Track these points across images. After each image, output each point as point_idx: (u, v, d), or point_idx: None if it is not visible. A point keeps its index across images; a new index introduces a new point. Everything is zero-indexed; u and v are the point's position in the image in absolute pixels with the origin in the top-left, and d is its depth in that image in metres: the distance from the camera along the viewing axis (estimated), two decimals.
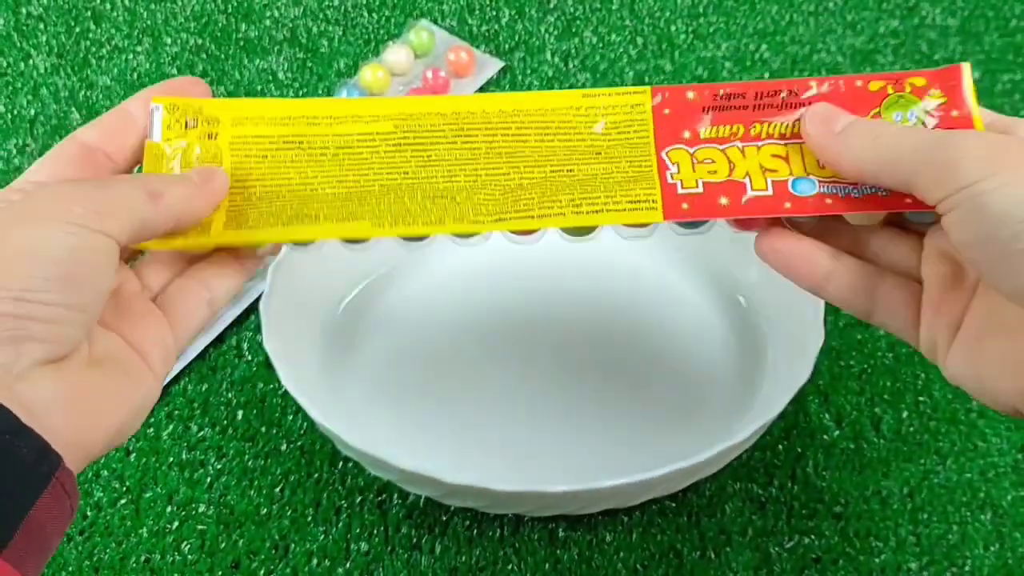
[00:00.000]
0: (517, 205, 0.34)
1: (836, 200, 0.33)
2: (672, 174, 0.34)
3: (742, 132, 0.35)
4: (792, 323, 0.44)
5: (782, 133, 0.35)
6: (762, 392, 0.44)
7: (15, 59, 0.64)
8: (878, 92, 0.35)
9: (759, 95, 0.35)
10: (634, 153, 0.35)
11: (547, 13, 0.66)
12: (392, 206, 0.35)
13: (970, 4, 0.66)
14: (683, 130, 0.35)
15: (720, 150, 0.35)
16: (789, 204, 0.34)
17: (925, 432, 0.47)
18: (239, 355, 0.50)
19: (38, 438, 0.27)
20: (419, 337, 0.49)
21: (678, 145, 0.35)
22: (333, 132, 0.36)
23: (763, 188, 0.34)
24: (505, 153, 0.35)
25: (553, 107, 0.36)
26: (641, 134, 0.35)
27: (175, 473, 0.46)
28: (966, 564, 0.43)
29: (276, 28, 0.65)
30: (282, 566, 0.43)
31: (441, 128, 0.36)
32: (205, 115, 0.36)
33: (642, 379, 0.47)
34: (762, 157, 0.34)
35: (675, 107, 0.35)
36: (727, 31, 0.65)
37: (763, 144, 0.35)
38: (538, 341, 0.49)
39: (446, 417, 0.46)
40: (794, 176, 0.34)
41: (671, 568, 0.43)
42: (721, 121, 0.35)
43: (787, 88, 0.35)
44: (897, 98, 0.35)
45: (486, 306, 0.50)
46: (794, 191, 0.34)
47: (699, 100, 0.35)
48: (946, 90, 0.34)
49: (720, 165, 0.34)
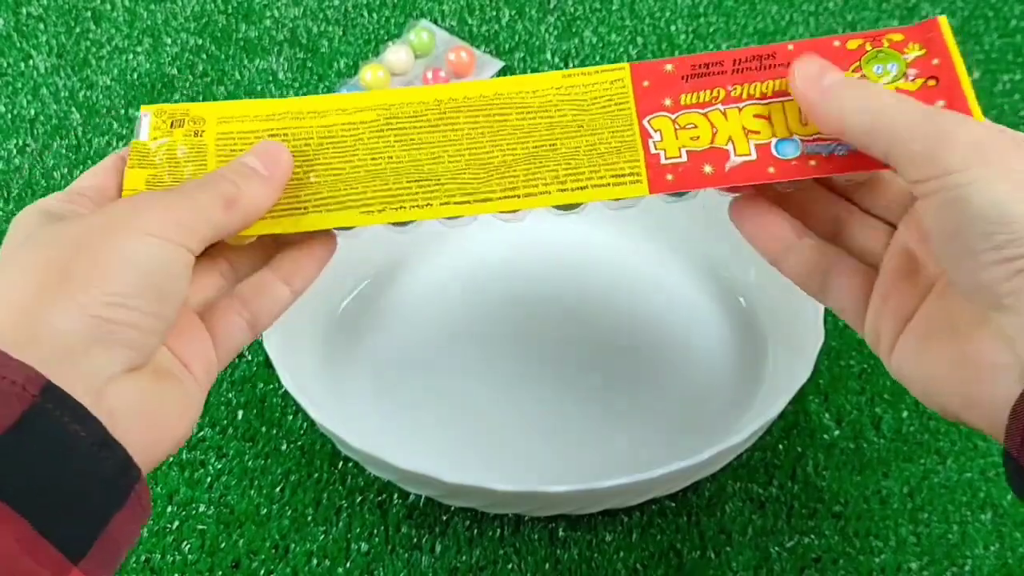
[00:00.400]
0: (502, 184, 0.35)
1: (820, 160, 0.33)
2: (655, 142, 0.34)
3: (723, 95, 0.35)
4: (792, 323, 0.44)
5: (763, 92, 0.35)
6: (762, 392, 0.44)
7: (15, 59, 0.64)
8: (856, 50, 0.34)
9: (737, 61, 0.35)
10: (616, 123, 0.35)
11: (547, 13, 0.66)
12: (379, 192, 0.35)
13: (970, 4, 0.66)
14: (664, 98, 0.35)
15: (702, 114, 0.35)
16: (773, 169, 0.33)
17: (925, 432, 0.47)
18: (239, 355, 0.50)
19: (122, 451, 0.27)
20: (419, 337, 0.49)
21: (660, 113, 0.35)
22: (317, 124, 0.36)
23: (746, 153, 0.34)
24: (488, 132, 0.35)
25: (533, 89, 0.36)
26: (622, 106, 0.35)
27: (175, 473, 0.46)
28: (966, 564, 0.43)
29: (276, 28, 0.65)
30: (282, 566, 0.43)
31: (424, 114, 0.36)
32: (191, 116, 0.36)
33: (642, 379, 0.47)
34: (744, 118, 0.34)
35: (654, 79, 0.35)
36: (727, 31, 0.65)
37: (744, 105, 0.34)
38: (538, 341, 0.49)
39: (446, 417, 0.46)
40: (777, 137, 0.34)
41: (671, 568, 0.43)
42: (701, 87, 0.35)
43: (765, 53, 0.35)
44: (876, 53, 0.34)
45: (486, 306, 0.50)
46: (777, 153, 0.34)
47: (677, 70, 0.35)
48: (924, 42, 0.34)
49: (703, 130, 0.34)
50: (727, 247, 0.49)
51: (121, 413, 0.28)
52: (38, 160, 0.58)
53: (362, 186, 0.35)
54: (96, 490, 0.26)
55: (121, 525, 0.27)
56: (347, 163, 0.36)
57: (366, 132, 0.36)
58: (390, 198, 0.35)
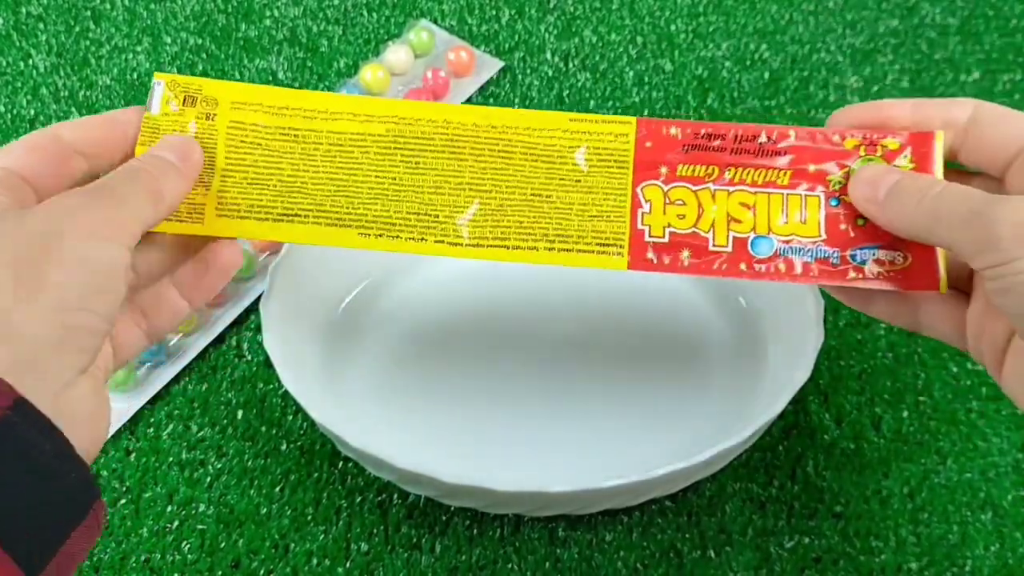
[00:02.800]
0: (496, 231, 0.36)
1: (788, 265, 0.36)
2: (644, 214, 0.36)
3: (716, 174, 0.36)
4: (792, 323, 0.44)
5: (754, 180, 0.36)
6: (762, 392, 0.44)
7: (15, 59, 0.64)
8: (852, 150, 0.36)
9: (738, 138, 0.36)
10: (612, 185, 0.36)
11: (547, 13, 0.66)
12: (379, 216, 0.36)
13: (970, 4, 0.66)
14: (661, 165, 0.37)
15: (693, 191, 0.36)
16: (744, 266, 0.36)
17: (925, 432, 0.47)
18: (239, 355, 0.50)
19: (84, 466, 0.27)
20: (419, 337, 0.49)
21: (654, 181, 0.36)
22: (327, 129, 0.37)
23: (724, 244, 0.36)
24: (491, 169, 0.37)
25: (540, 127, 0.37)
26: (621, 164, 0.37)
27: (175, 473, 0.46)
28: (967, 564, 0.43)
29: (276, 28, 0.65)
30: (282, 566, 0.43)
31: (431, 136, 0.37)
32: (205, 95, 0.37)
33: (642, 379, 0.47)
34: (731, 204, 0.36)
35: (656, 141, 0.37)
36: (727, 30, 0.65)
37: (735, 190, 0.36)
38: (538, 341, 0.49)
39: (446, 417, 0.46)
40: (756, 233, 0.36)
41: (671, 567, 0.43)
42: (699, 160, 0.36)
43: (766, 134, 0.36)
44: (867, 160, 0.36)
45: (486, 306, 0.50)
46: (752, 251, 0.36)
47: (681, 137, 0.37)
48: (917, 156, 0.35)
49: (690, 208, 0.36)
50: None
51: (74, 419, 0.28)
52: None
53: (364, 206, 0.36)
54: (58, 506, 0.26)
55: (78, 541, 0.27)
56: (352, 176, 0.36)
57: (374, 147, 0.37)
58: (388, 225, 0.36)
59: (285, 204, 0.36)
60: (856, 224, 0.36)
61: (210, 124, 0.36)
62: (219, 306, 0.51)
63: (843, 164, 0.36)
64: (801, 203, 0.36)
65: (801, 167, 0.36)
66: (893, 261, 0.35)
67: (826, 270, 0.35)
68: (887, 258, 0.35)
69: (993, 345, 0.33)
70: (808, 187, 0.36)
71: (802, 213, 0.36)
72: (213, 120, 0.36)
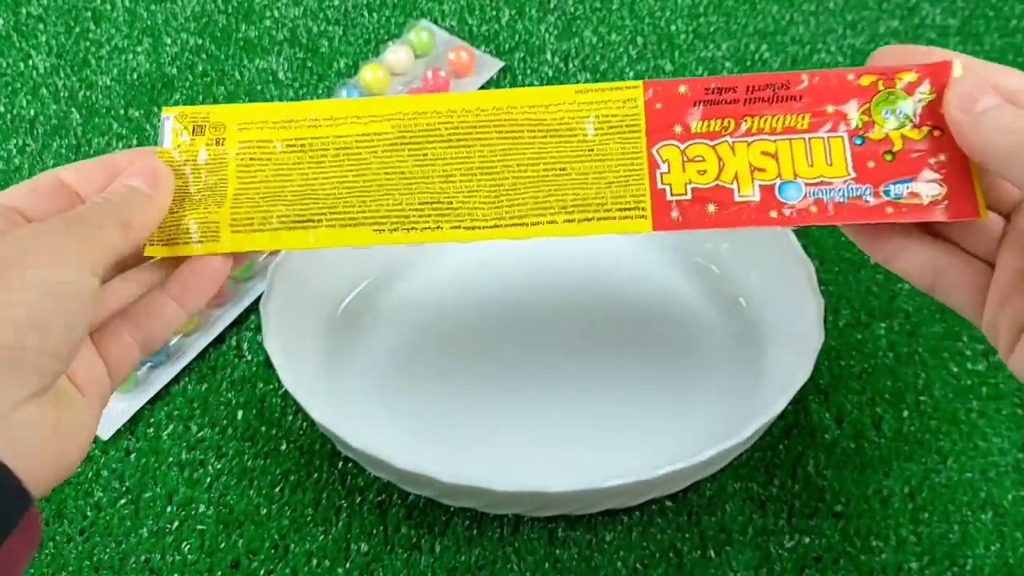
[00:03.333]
0: (512, 211, 0.35)
1: (820, 206, 0.34)
2: (662, 174, 0.35)
3: (733, 127, 0.35)
4: (792, 323, 0.44)
5: (773, 128, 0.35)
6: (762, 392, 0.44)
7: (15, 59, 0.64)
8: (869, 87, 0.35)
9: (750, 88, 0.35)
10: (626, 149, 0.36)
11: (547, 13, 0.66)
12: (392, 210, 0.36)
13: (970, 4, 0.66)
14: (675, 124, 0.36)
15: (710, 146, 0.35)
16: (775, 213, 0.34)
17: (926, 431, 0.47)
18: (239, 355, 0.50)
19: (15, 479, 0.27)
20: (419, 337, 0.49)
21: (669, 141, 0.35)
22: (333, 134, 0.37)
23: (750, 194, 0.35)
24: (500, 150, 0.36)
25: (546, 103, 0.36)
26: (633, 128, 0.36)
27: (175, 473, 0.46)
28: (967, 563, 0.43)
29: (276, 28, 0.65)
30: (282, 566, 0.43)
31: (437, 127, 0.37)
32: (212, 121, 0.37)
33: (642, 379, 0.47)
34: (752, 154, 0.35)
35: (667, 101, 0.36)
36: (727, 31, 0.65)
37: (753, 140, 0.35)
38: (538, 341, 0.49)
39: (446, 417, 0.46)
40: (782, 179, 0.35)
41: (671, 567, 0.43)
42: (712, 115, 0.35)
43: (779, 81, 0.35)
44: (887, 95, 0.35)
45: (486, 307, 0.50)
46: (781, 197, 0.35)
47: (690, 94, 0.36)
48: (936, 87, 0.35)
49: (710, 163, 0.35)
50: (728, 247, 0.49)
51: (21, 440, 0.28)
52: (38, 160, 0.58)
53: (376, 203, 0.36)
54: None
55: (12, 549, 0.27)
56: (361, 176, 0.36)
57: (380, 145, 0.37)
58: (402, 218, 0.36)
59: (298, 212, 0.36)
60: (884, 160, 0.35)
61: (220, 149, 0.37)
62: (219, 306, 0.51)
63: (863, 102, 0.35)
64: (825, 145, 0.35)
65: (819, 109, 0.35)
66: (928, 192, 0.34)
67: (861, 208, 0.34)
68: (923, 190, 0.34)
69: (1012, 319, 0.32)
70: (830, 128, 0.35)
71: (827, 155, 0.35)
72: (223, 144, 0.37)
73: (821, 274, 0.51)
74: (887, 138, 0.35)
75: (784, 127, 0.35)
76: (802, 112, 0.35)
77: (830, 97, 0.35)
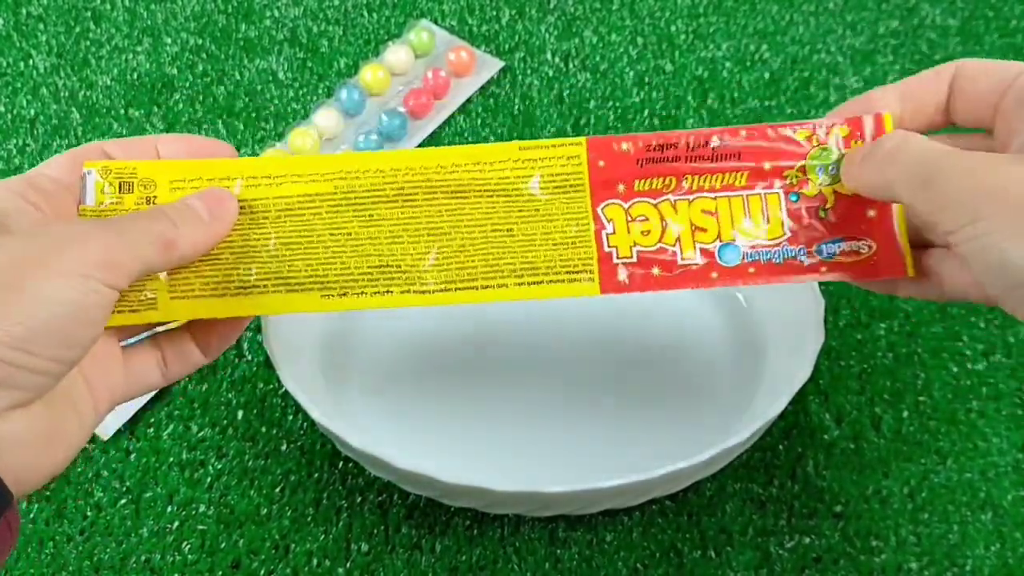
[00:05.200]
0: (461, 274, 0.36)
1: (758, 267, 0.36)
2: (608, 235, 0.36)
3: (674, 185, 0.36)
4: (792, 323, 0.44)
5: (712, 185, 0.36)
6: (762, 392, 0.44)
7: (15, 59, 0.64)
8: (805, 142, 0.36)
9: (690, 145, 0.36)
10: (571, 208, 0.36)
11: (547, 13, 0.66)
12: (340, 275, 0.35)
13: (970, 4, 0.66)
14: (618, 183, 0.36)
15: (653, 205, 0.36)
16: (716, 275, 0.36)
17: (925, 432, 0.47)
18: (239, 355, 0.50)
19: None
20: (419, 337, 0.49)
21: (613, 200, 0.36)
22: (273, 195, 0.36)
23: (692, 257, 0.36)
24: (446, 211, 0.36)
25: (491, 160, 0.36)
26: (577, 187, 0.36)
27: (175, 473, 0.46)
28: (967, 564, 0.43)
29: (276, 28, 0.65)
30: (282, 566, 0.43)
31: (381, 187, 0.36)
32: (140, 177, 0.35)
33: (642, 379, 0.47)
34: (693, 213, 0.36)
35: (609, 159, 0.36)
36: (727, 31, 0.65)
37: (694, 198, 0.36)
38: (538, 341, 0.49)
39: (446, 417, 0.46)
40: (722, 241, 0.36)
41: (671, 567, 0.43)
42: (654, 173, 0.36)
43: (718, 137, 0.36)
44: (820, 151, 0.36)
45: (486, 306, 0.50)
46: (720, 260, 0.36)
47: (633, 151, 0.36)
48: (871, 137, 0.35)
49: (653, 224, 0.36)
50: None
51: (8, 443, 0.28)
52: (38, 160, 0.58)
53: (323, 267, 0.35)
54: None
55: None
56: (304, 238, 0.35)
57: (324, 206, 0.36)
58: (351, 282, 0.35)
59: (241, 276, 0.35)
60: (819, 217, 0.36)
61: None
62: None
63: (798, 158, 0.36)
64: (762, 202, 0.36)
65: (756, 166, 0.36)
66: (859, 251, 0.35)
67: (797, 267, 0.36)
68: (852, 248, 0.35)
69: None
70: (766, 185, 0.36)
71: (764, 212, 0.36)
72: (153, 203, 0.35)
73: None
74: (820, 194, 0.36)
75: (723, 184, 0.36)
76: (740, 170, 0.36)
77: (767, 154, 0.36)
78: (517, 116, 0.60)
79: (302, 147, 0.56)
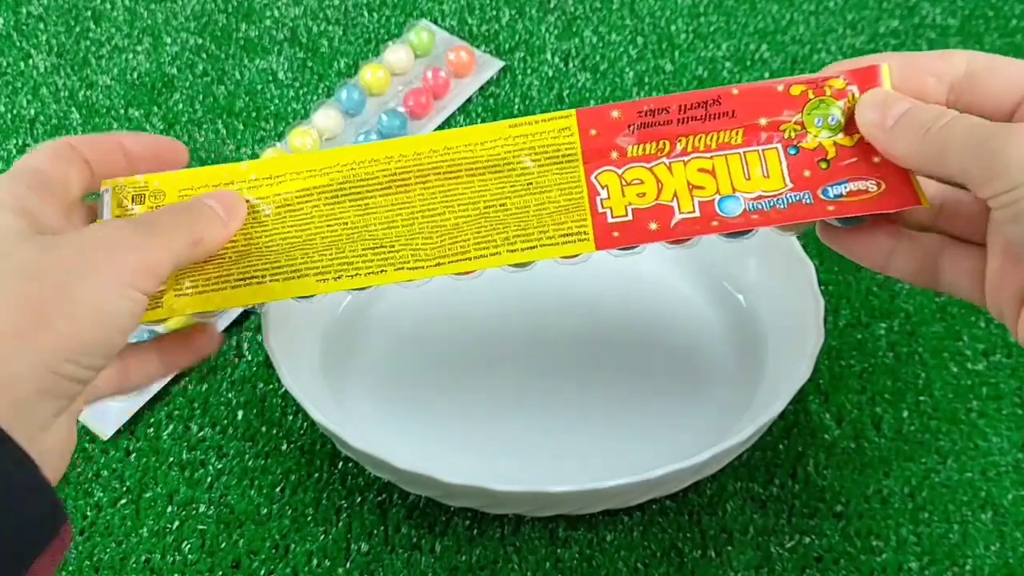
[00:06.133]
0: (454, 248, 0.36)
1: (761, 215, 0.34)
2: (602, 200, 0.35)
3: (668, 148, 0.36)
4: (792, 323, 0.44)
5: (708, 145, 0.35)
6: (762, 392, 0.44)
7: (15, 59, 0.64)
8: (799, 96, 0.35)
9: (683, 108, 0.36)
10: (564, 179, 0.36)
11: (547, 13, 0.66)
12: (335, 259, 0.36)
13: (970, 4, 0.66)
14: (611, 150, 0.36)
15: (647, 168, 0.35)
16: (716, 223, 0.35)
17: (926, 431, 0.47)
18: (239, 355, 0.50)
19: (52, 495, 0.28)
20: (419, 337, 0.49)
21: (607, 167, 0.36)
22: (273, 192, 0.37)
23: (690, 210, 0.35)
24: (439, 193, 0.36)
25: (481, 141, 0.36)
26: (570, 158, 0.36)
27: (175, 473, 0.46)
28: (967, 563, 0.43)
29: (276, 28, 0.65)
30: (282, 566, 0.43)
31: (376, 175, 0.37)
32: (152, 189, 0.37)
33: (642, 379, 0.47)
34: (689, 173, 0.35)
35: (601, 127, 0.36)
36: (727, 31, 0.65)
37: (690, 159, 0.35)
38: (538, 341, 0.49)
39: (446, 417, 0.46)
40: (720, 195, 0.35)
41: (672, 567, 0.43)
42: (647, 138, 0.36)
43: (710, 98, 0.35)
44: (818, 103, 0.35)
45: (486, 306, 0.50)
46: (720, 211, 0.35)
47: (624, 118, 0.36)
48: (863, 91, 0.35)
49: (648, 186, 0.35)
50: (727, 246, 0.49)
51: (48, 454, 0.29)
52: None
53: (319, 255, 0.36)
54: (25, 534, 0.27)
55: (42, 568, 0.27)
56: (303, 232, 0.36)
57: (321, 199, 0.37)
58: (345, 265, 0.36)
59: (241, 270, 0.36)
60: (820, 168, 0.35)
61: None
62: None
63: (795, 112, 0.35)
64: (760, 158, 0.35)
65: (752, 123, 0.35)
66: (866, 190, 0.34)
67: (803, 208, 0.34)
68: (859, 187, 0.34)
69: (1013, 298, 0.32)
70: (764, 140, 0.35)
71: (763, 168, 0.35)
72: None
73: (821, 274, 0.51)
74: (820, 147, 0.35)
75: (719, 143, 0.35)
76: (735, 127, 0.35)
77: (762, 110, 0.35)
78: (517, 116, 0.60)
79: (302, 147, 0.56)
